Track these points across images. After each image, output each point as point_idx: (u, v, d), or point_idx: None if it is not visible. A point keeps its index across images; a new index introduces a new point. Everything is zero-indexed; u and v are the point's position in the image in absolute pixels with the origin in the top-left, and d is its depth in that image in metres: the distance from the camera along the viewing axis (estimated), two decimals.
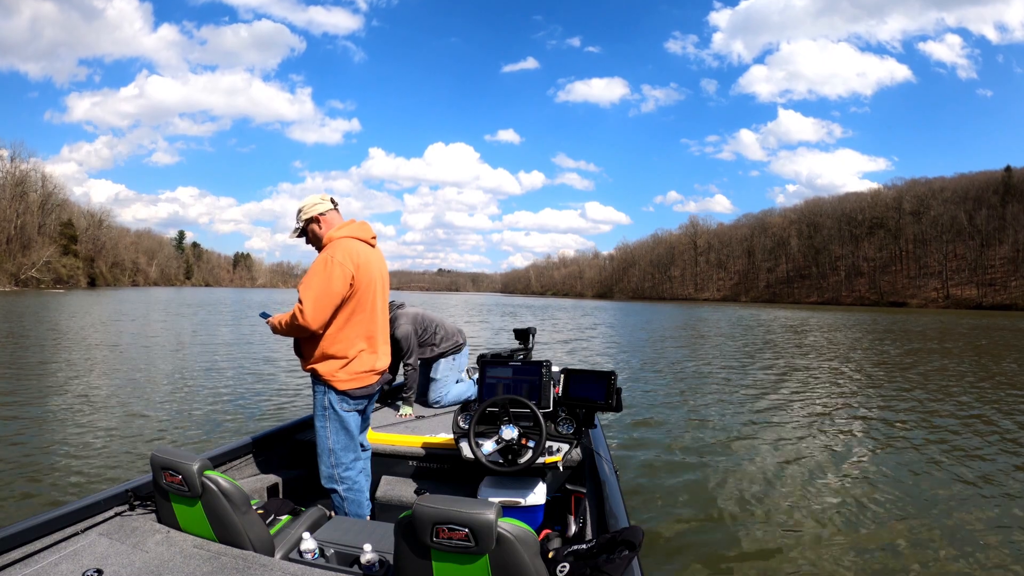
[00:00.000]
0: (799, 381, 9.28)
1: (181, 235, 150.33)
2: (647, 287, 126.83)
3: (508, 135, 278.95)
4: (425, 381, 3.97)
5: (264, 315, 2.49)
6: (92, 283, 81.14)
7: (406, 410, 3.62)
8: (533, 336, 4.38)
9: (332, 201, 2.52)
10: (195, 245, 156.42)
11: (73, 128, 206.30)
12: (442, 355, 3.93)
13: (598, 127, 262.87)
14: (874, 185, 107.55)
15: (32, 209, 75.66)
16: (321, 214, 2.47)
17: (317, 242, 2.49)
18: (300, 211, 2.50)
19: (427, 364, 3.95)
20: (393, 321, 3.70)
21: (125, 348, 12.00)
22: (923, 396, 7.99)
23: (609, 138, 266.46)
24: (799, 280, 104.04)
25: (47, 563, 1.65)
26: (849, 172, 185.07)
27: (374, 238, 2.53)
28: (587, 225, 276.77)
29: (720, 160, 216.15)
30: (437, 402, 3.89)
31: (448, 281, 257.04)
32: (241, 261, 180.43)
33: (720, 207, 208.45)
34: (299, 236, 2.52)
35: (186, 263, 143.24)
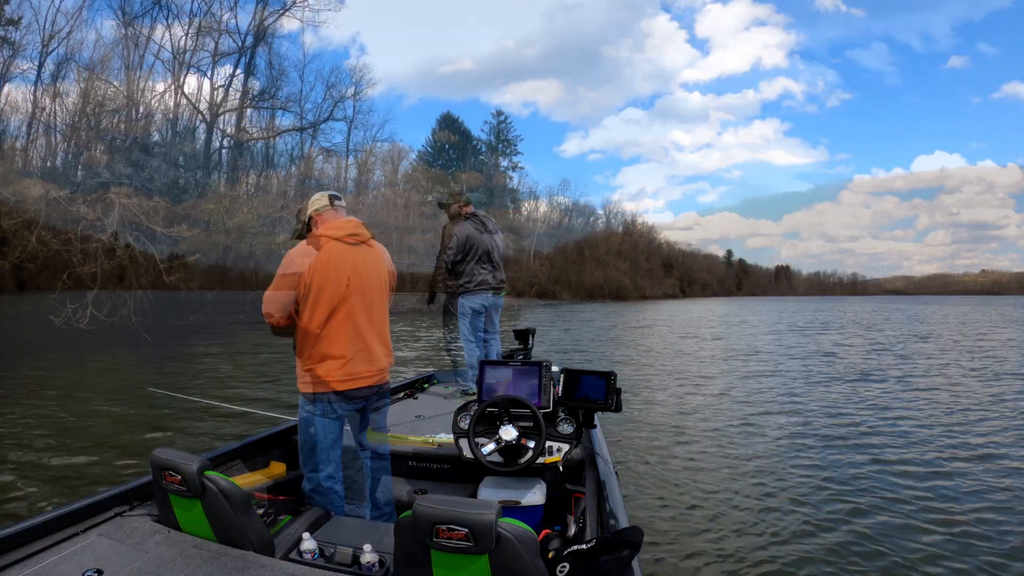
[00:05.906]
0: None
1: None
2: None
3: None
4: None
5: None
6: None
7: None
8: (533, 336, 4.37)
9: (330, 198, 2.45)
10: None
11: None
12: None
13: None
14: None
15: None
16: (317, 212, 2.42)
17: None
18: (299, 212, 2.48)
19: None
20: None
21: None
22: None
23: None
24: None
25: (47, 563, 1.65)
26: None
27: (354, 235, 2.40)
28: None
29: None
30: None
31: None
32: None
33: None
34: (298, 238, 2.45)
35: None
